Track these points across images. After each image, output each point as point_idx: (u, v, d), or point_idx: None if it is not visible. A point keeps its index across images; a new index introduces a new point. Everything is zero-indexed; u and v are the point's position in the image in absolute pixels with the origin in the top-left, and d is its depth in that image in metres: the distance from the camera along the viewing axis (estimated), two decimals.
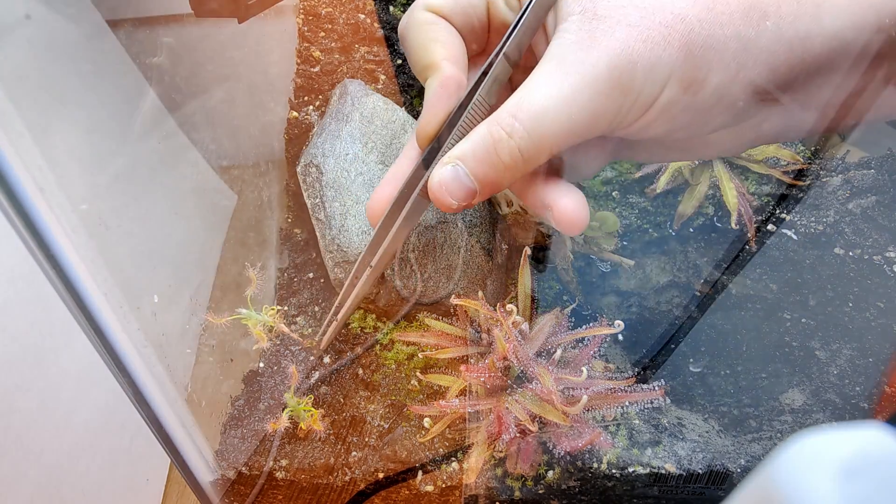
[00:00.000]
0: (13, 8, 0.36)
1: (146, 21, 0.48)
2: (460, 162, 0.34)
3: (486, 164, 0.34)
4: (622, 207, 0.61)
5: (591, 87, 0.31)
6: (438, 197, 0.34)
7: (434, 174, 0.34)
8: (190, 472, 0.46)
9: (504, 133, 0.33)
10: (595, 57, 0.31)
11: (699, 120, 0.34)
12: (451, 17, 0.37)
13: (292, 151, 0.62)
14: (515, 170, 0.34)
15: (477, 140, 0.34)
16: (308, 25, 0.66)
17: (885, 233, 0.56)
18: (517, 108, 0.33)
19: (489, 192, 0.35)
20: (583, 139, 0.34)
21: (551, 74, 0.32)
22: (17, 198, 0.32)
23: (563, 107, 0.32)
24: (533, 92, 0.32)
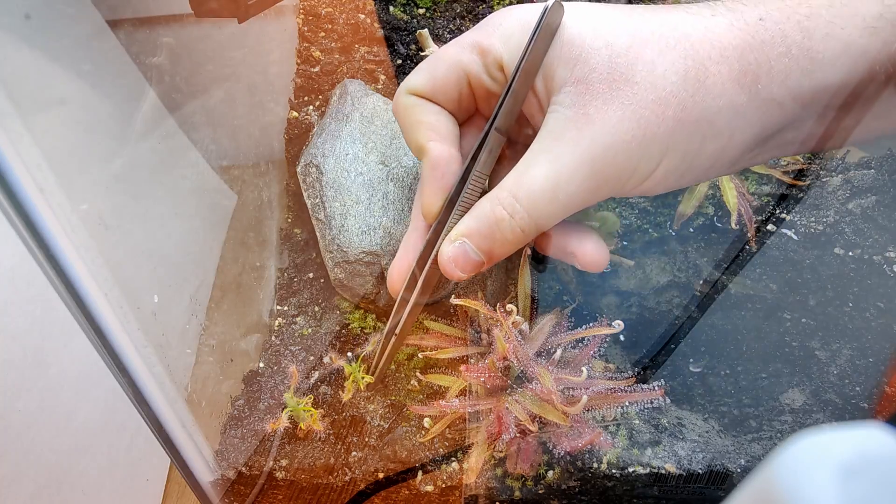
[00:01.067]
0: (13, 8, 0.36)
1: (146, 21, 0.48)
2: (467, 239, 0.36)
3: (490, 240, 0.36)
4: (622, 207, 0.61)
5: (587, 168, 0.32)
6: (448, 271, 0.37)
7: (443, 251, 0.37)
8: (190, 472, 0.46)
9: (506, 213, 0.35)
10: (590, 136, 0.32)
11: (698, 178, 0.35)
12: (433, 96, 0.39)
13: (292, 151, 0.62)
14: (517, 244, 0.36)
15: (481, 218, 0.36)
16: (308, 25, 0.66)
17: (885, 233, 0.56)
18: (517, 188, 0.34)
19: (494, 262, 0.38)
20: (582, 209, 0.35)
21: (548, 153, 0.33)
22: (17, 198, 0.32)
23: (560, 187, 0.33)
24: (531, 171, 0.34)
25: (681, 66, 0.31)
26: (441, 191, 0.38)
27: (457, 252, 0.36)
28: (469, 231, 0.36)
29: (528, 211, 0.34)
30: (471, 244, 0.36)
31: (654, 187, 0.35)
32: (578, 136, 0.32)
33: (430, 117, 0.39)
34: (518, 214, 0.34)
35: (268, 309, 0.58)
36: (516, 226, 0.35)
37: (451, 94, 0.39)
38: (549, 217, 0.35)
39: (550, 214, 0.35)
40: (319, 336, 0.55)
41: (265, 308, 0.58)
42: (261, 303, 0.57)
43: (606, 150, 0.32)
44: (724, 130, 0.32)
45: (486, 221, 0.36)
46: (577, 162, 0.32)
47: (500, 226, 0.35)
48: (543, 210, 0.34)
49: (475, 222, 0.36)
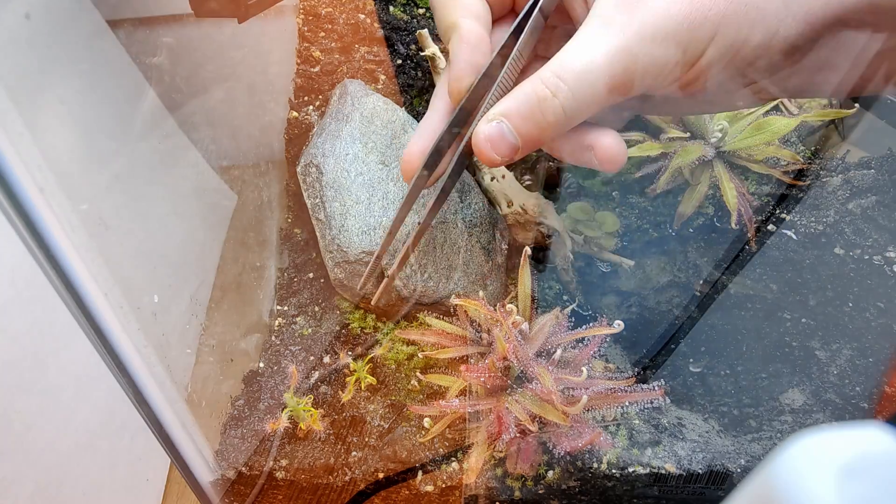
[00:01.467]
0: (13, 8, 0.36)
1: (146, 21, 0.48)
2: (505, 119, 0.35)
3: (531, 121, 0.34)
4: (622, 207, 0.61)
5: (636, 47, 0.32)
6: (484, 151, 0.35)
7: (479, 129, 0.35)
8: (190, 472, 0.46)
9: (548, 92, 0.33)
10: (640, 17, 0.31)
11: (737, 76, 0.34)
12: None
13: (292, 151, 0.62)
14: (558, 127, 0.35)
15: (521, 98, 0.34)
16: (308, 25, 0.66)
17: (885, 233, 0.56)
18: (561, 68, 0.33)
19: (531, 148, 0.36)
20: (625, 97, 0.34)
21: (595, 34, 0.33)
22: (17, 198, 0.32)
23: (606, 66, 0.32)
24: (577, 51, 0.33)
25: None
26: (471, 67, 0.37)
27: (493, 131, 0.35)
28: (508, 110, 0.35)
29: (573, 90, 0.33)
30: (508, 124, 0.35)
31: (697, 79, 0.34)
32: (629, 18, 0.32)
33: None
34: (562, 93, 0.33)
35: (268, 309, 0.58)
36: (558, 105, 0.33)
37: None
38: (594, 99, 0.33)
39: (595, 96, 0.33)
40: (319, 336, 0.55)
41: (265, 308, 0.58)
42: (261, 303, 0.57)
43: (657, 31, 0.31)
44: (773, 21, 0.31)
45: (526, 100, 0.34)
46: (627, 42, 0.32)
47: (541, 105, 0.34)
48: (589, 90, 0.33)
49: (515, 102, 0.35)
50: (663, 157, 0.58)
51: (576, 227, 0.59)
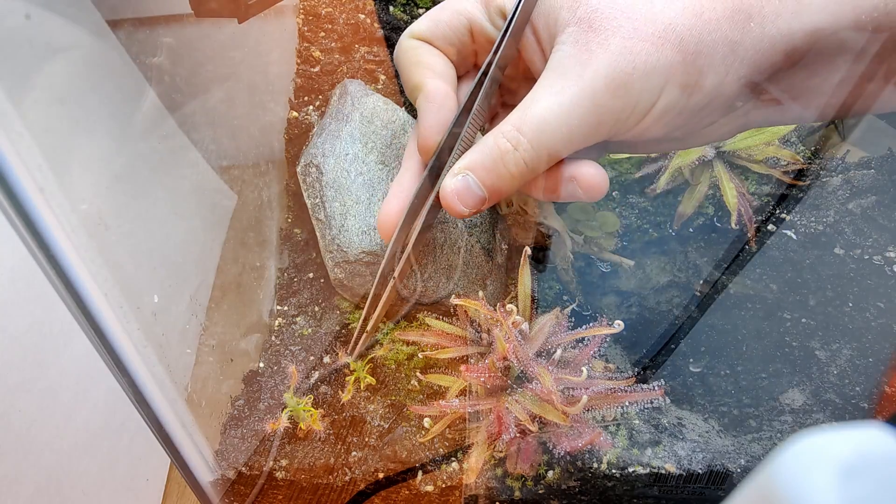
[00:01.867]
0: (13, 8, 0.36)
1: (146, 21, 0.48)
2: (470, 173, 0.36)
3: (494, 174, 0.36)
4: (622, 207, 0.61)
5: (590, 99, 0.33)
6: (451, 205, 0.37)
7: (446, 184, 0.37)
8: (190, 472, 0.46)
9: (510, 146, 0.35)
10: (593, 69, 0.33)
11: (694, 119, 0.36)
12: (433, 40, 0.40)
13: (292, 151, 0.62)
14: (521, 178, 0.36)
15: (484, 151, 0.36)
16: (308, 25, 0.66)
17: (885, 233, 0.56)
18: (520, 121, 0.34)
19: (497, 199, 0.37)
20: (584, 146, 0.35)
21: (552, 87, 0.34)
22: (17, 198, 0.32)
23: (563, 118, 0.33)
24: (535, 105, 0.34)
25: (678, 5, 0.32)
26: (438, 125, 0.38)
27: (460, 185, 0.36)
28: (472, 164, 0.36)
29: (532, 143, 0.34)
30: (474, 177, 0.36)
31: (654, 125, 0.35)
32: (582, 70, 0.33)
33: (429, 58, 0.39)
34: (522, 146, 0.35)
35: (268, 309, 0.58)
36: (520, 158, 0.35)
37: (452, 41, 0.40)
38: (552, 150, 0.35)
39: (553, 147, 0.35)
40: (319, 336, 0.55)
41: (265, 308, 0.58)
42: (261, 303, 0.57)
43: (609, 81, 0.33)
44: (720, 65, 0.33)
45: (489, 154, 0.36)
46: (581, 93, 0.33)
47: (503, 158, 0.35)
48: (547, 142, 0.34)
49: (479, 155, 0.36)
50: (663, 157, 0.58)
51: (576, 227, 0.59)
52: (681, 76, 0.33)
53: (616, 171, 0.63)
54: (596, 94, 0.33)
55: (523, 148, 0.35)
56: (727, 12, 0.32)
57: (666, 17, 0.32)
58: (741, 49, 0.32)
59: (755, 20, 0.32)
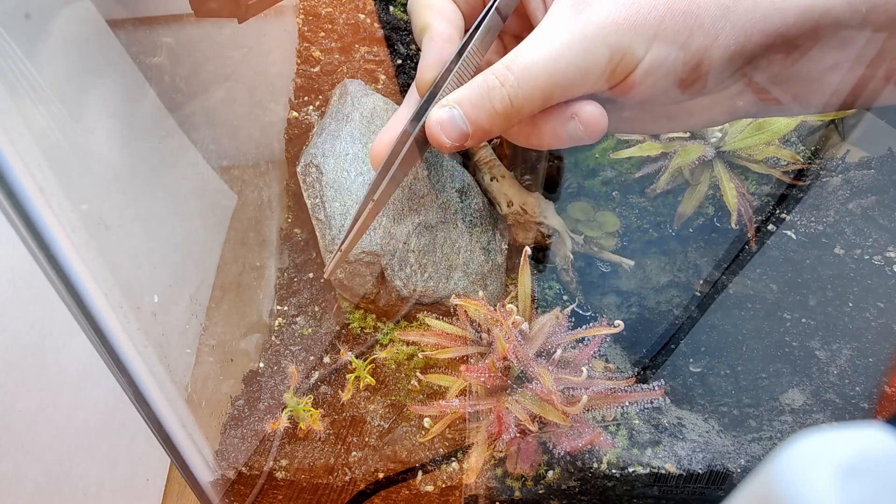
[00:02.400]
0: (13, 8, 0.36)
1: (146, 21, 0.48)
2: (457, 105, 0.37)
3: (480, 108, 0.37)
4: (622, 207, 0.61)
5: (580, 45, 0.34)
6: (434, 135, 0.38)
7: (432, 114, 0.38)
8: (190, 472, 0.46)
9: (497, 82, 0.36)
10: (585, 18, 0.34)
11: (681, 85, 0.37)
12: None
13: (292, 151, 0.62)
14: (506, 117, 0.37)
15: (473, 87, 0.37)
16: (308, 25, 0.66)
17: (885, 233, 0.56)
18: (511, 61, 0.36)
19: (480, 137, 0.39)
20: (571, 94, 0.37)
21: (545, 33, 0.35)
22: (17, 198, 0.32)
23: (552, 61, 0.35)
24: (527, 47, 0.36)
25: None
26: (437, 62, 0.40)
27: (444, 116, 0.37)
28: (461, 98, 0.37)
29: (519, 80, 0.35)
30: (459, 111, 0.37)
31: (641, 83, 0.36)
32: (576, 17, 0.35)
33: (438, 2, 0.41)
34: (509, 82, 0.36)
35: (268, 309, 0.58)
36: (505, 94, 0.36)
37: None
38: (537, 90, 0.36)
39: (541, 86, 0.36)
40: (319, 336, 0.55)
41: (265, 308, 0.58)
42: (261, 303, 0.57)
43: (599, 28, 0.34)
44: (710, 28, 0.33)
45: (476, 90, 0.37)
46: (571, 38, 0.34)
47: (490, 94, 0.36)
48: (534, 81, 0.35)
49: (467, 90, 0.37)
50: (663, 157, 0.58)
51: (576, 227, 0.59)
52: (671, 32, 0.34)
53: (616, 171, 0.63)
54: (585, 40, 0.34)
55: (510, 84, 0.36)
56: None
57: None
58: (733, 15, 0.33)
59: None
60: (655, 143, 0.58)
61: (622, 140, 0.59)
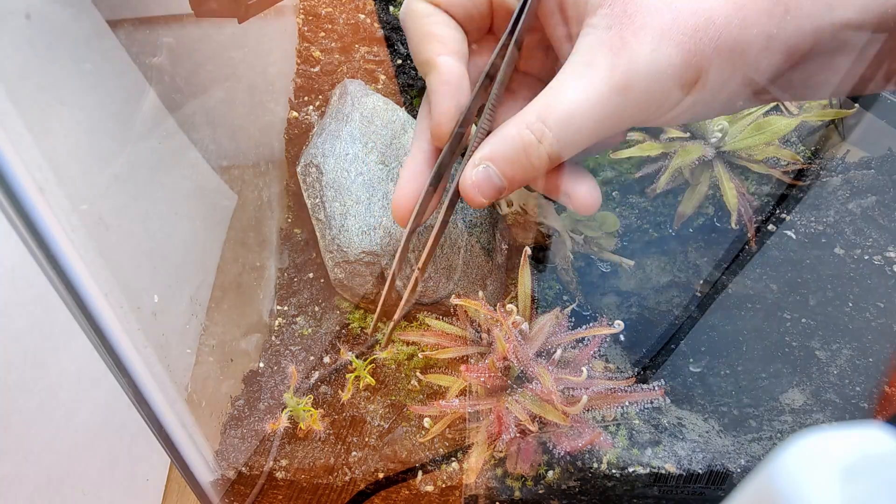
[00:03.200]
0: (13, 8, 0.36)
1: (146, 21, 0.48)
2: (491, 164, 0.35)
3: (516, 165, 0.35)
4: (622, 207, 0.61)
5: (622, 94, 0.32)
6: (471, 196, 0.36)
7: (466, 175, 0.36)
8: (190, 472, 0.46)
9: (534, 138, 0.34)
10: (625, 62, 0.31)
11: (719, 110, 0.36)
12: (447, 6, 0.37)
13: (292, 151, 0.62)
14: (543, 170, 0.35)
15: (507, 142, 0.35)
16: (308, 25, 0.66)
17: (885, 233, 0.56)
18: (546, 112, 0.33)
19: (515, 189, 0.37)
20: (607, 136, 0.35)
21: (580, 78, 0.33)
22: (17, 198, 0.32)
23: (592, 112, 0.32)
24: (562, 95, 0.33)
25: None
26: (454, 108, 0.37)
27: (480, 177, 0.35)
28: (494, 155, 0.35)
29: (557, 136, 0.33)
30: (495, 168, 0.35)
31: (679, 116, 0.35)
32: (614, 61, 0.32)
33: (441, 30, 0.37)
34: (547, 139, 0.34)
35: (268, 309, 0.58)
36: (543, 151, 0.34)
37: (469, 10, 0.37)
38: (577, 143, 0.34)
39: (578, 140, 0.34)
40: (319, 336, 0.55)
41: (265, 308, 0.58)
42: (261, 303, 0.57)
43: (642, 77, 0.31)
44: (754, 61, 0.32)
45: (511, 145, 0.35)
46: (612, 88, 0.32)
47: (527, 150, 0.34)
48: (573, 136, 0.33)
49: (500, 146, 0.35)
50: (663, 157, 0.58)
51: (576, 227, 0.59)
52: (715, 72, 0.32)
53: (616, 171, 0.63)
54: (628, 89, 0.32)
55: (548, 142, 0.34)
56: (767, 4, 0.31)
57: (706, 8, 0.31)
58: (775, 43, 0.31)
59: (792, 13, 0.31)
60: (655, 143, 0.58)
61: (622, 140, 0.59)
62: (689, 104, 0.33)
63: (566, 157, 0.35)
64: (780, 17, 0.31)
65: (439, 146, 0.39)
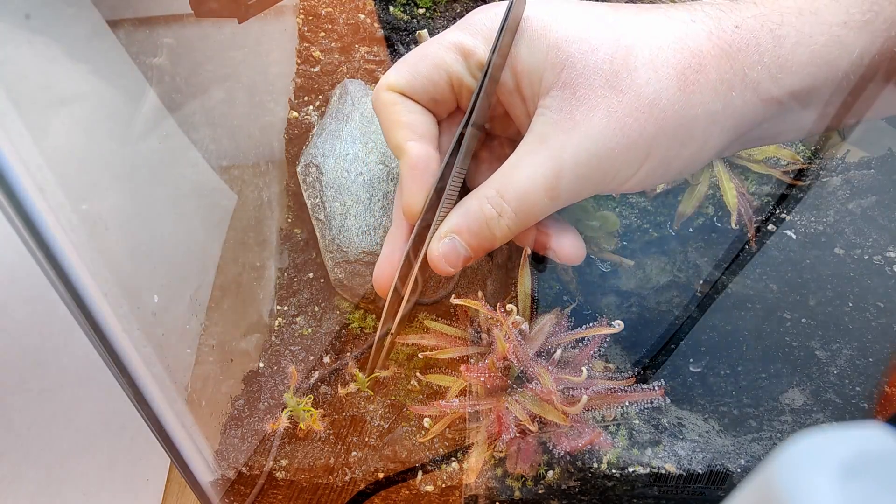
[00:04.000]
0: (13, 8, 0.36)
1: (146, 21, 0.48)
2: (456, 236, 0.38)
3: (480, 237, 0.38)
4: (622, 207, 0.61)
5: (572, 172, 0.34)
6: (439, 266, 0.38)
7: (433, 248, 0.38)
8: (190, 472, 0.46)
9: (494, 213, 0.36)
10: (576, 143, 0.33)
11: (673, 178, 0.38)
12: (412, 94, 0.39)
13: (292, 151, 0.62)
14: (505, 239, 0.38)
15: (469, 215, 0.37)
16: (308, 25, 0.66)
17: (885, 233, 0.56)
18: (504, 187, 0.36)
19: (479, 256, 0.39)
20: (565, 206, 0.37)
21: (535, 156, 0.35)
22: (17, 198, 0.32)
23: (546, 188, 0.35)
24: (518, 173, 0.35)
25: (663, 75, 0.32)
26: (422, 190, 0.39)
27: (447, 249, 0.38)
28: (458, 228, 0.38)
29: (516, 210, 0.36)
30: (460, 240, 0.38)
31: (634, 187, 0.37)
32: (565, 141, 0.34)
33: (409, 117, 0.39)
34: (506, 213, 0.36)
35: (268, 309, 0.58)
36: (504, 224, 0.36)
37: (431, 93, 0.39)
38: (535, 216, 0.36)
39: (536, 213, 0.36)
40: (319, 336, 0.55)
41: (265, 308, 0.58)
42: (261, 303, 0.57)
43: (591, 156, 0.33)
44: (700, 136, 0.33)
45: (474, 219, 0.37)
46: (563, 165, 0.34)
47: (489, 224, 0.37)
48: (530, 209, 0.36)
49: (464, 220, 0.37)
50: None
51: (576, 226, 0.59)
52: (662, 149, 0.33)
53: None
54: (578, 167, 0.34)
55: (507, 215, 0.36)
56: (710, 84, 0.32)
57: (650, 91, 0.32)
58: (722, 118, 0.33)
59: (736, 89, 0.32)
60: None
61: None
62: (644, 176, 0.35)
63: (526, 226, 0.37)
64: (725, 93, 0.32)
65: (411, 223, 0.41)
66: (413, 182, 0.39)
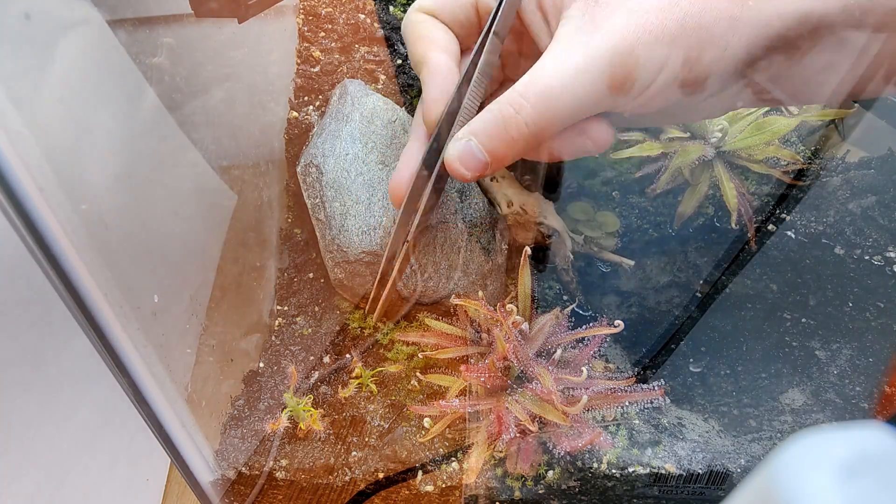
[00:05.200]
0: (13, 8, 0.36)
1: (146, 21, 0.48)
2: (473, 137, 0.37)
3: (497, 138, 0.37)
4: (622, 207, 0.61)
5: (594, 69, 0.34)
6: (455, 169, 0.38)
7: (449, 149, 0.38)
8: (190, 472, 0.46)
9: (512, 110, 0.36)
10: (598, 41, 0.34)
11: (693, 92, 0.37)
12: (440, 14, 0.42)
13: (292, 151, 0.62)
14: (523, 143, 0.37)
15: (488, 117, 0.37)
16: (308, 25, 0.66)
17: (885, 233, 0.56)
18: (525, 88, 0.35)
19: (499, 165, 0.38)
20: (586, 115, 0.37)
21: (557, 56, 0.35)
22: (17, 198, 0.32)
23: (567, 85, 0.34)
24: (541, 72, 0.35)
25: None
26: (442, 96, 0.39)
27: (463, 150, 0.37)
28: (475, 129, 0.37)
29: (534, 106, 0.35)
30: (476, 142, 0.37)
31: (655, 97, 0.36)
32: (587, 40, 0.34)
33: (433, 33, 0.41)
34: (524, 110, 0.35)
35: (268, 309, 0.58)
36: (521, 121, 0.35)
37: (457, 16, 0.41)
38: (554, 116, 0.35)
39: (555, 113, 0.35)
40: (319, 336, 0.55)
41: (265, 308, 0.58)
42: (261, 303, 0.57)
43: (613, 51, 0.33)
44: (720, 40, 0.33)
45: (492, 119, 0.36)
46: (585, 62, 0.34)
47: (506, 122, 0.36)
48: (549, 107, 0.35)
49: (482, 121, 0.37)
50: (663, 157, 0.58)
51: (576, 227, 0.59)
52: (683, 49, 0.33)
53: (616, 171, 0.63)
54: (600, 62, 0.34)
55: (526, 112, 0.35)
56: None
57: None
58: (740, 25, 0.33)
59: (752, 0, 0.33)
60: (655, 143, 0.58)
61: (622, 140, 0.59)
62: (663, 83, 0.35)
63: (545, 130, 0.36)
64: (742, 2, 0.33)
65: (430, 130, 0.41)
66: (434, 88, 0.39)
